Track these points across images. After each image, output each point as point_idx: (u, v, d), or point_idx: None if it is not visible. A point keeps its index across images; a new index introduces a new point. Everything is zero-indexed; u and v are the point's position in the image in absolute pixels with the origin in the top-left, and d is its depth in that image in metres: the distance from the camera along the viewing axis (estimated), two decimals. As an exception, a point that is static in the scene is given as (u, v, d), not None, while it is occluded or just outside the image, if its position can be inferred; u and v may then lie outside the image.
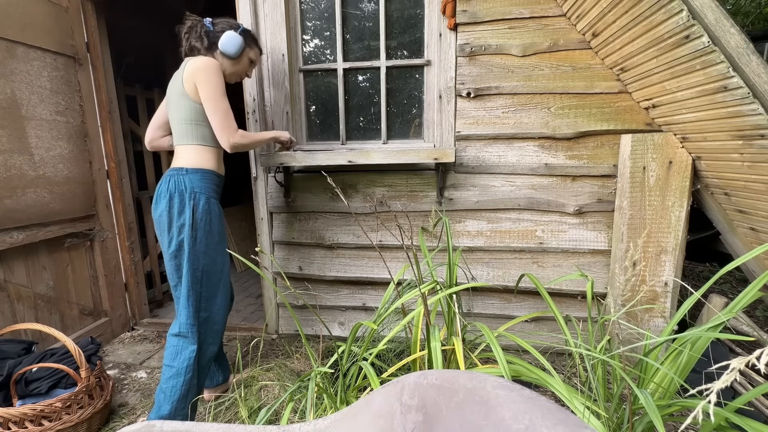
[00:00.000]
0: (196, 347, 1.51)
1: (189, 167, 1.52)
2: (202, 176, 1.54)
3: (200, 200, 1.51)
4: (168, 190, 1.48)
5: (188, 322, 1.51)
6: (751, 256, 1.15)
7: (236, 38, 1.59)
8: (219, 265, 1.59)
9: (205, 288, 1.55)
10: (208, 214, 1.53)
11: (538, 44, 1.78)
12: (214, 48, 1.60)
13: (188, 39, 1.59)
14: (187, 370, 1.48)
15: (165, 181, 1.51)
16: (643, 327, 1.81)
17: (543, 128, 1.85)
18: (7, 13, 1.75)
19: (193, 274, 1.51)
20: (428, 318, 1.25)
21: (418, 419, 0.65)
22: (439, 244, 2.02)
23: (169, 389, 1.46)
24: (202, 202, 1.52)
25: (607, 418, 1.17)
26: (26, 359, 1.58)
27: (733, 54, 1.28)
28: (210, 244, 1.54)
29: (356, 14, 2.01)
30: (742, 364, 0.48)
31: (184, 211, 1.48)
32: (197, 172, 1.53)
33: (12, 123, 1.79)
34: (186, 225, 1.48)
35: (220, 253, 1.59)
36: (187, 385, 1.48)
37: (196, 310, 1.52)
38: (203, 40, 1.59)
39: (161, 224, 1.50)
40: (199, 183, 1.52)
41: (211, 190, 1.56)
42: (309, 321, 2.28)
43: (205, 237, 1.52)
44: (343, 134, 2.11)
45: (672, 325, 1.28)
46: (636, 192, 1.73)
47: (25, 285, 1.89)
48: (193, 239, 1.50)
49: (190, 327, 1.51)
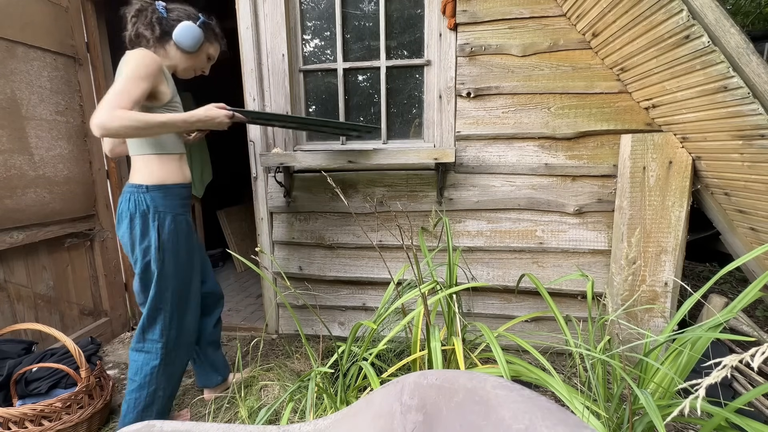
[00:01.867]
0: (159, 362, 1.44)
1: (149, 184, 1.37)
2: (166, 193, 1.39)
3: (165, 220, 1.39)
4: (128, 210, 1.36)
5: (152, 338, 1.44)
6: (751, 256, 1.15)
7: (195, 30, 1.42)
8: (189, 284, 1.51)
9: (176, 308, 1.47)
10: (175, 234, 1.41)
11: (538, 44, 1.78)
12: (167, 38, 1.42)
13: (135, 24, 1.38)
14: (150, 383, 1.44)
15: (124, 200, 1.37)
16: (644, 327, 1.81)
17: (543, 128, 1.85)
18: (7, 13, 1.75)
19: (162, 295, 1.42)
20: (428, 318, 1.25)
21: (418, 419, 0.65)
22: (439, 244, 2.02)
23: (133, 401, 1.43)
24: (168, 222, 1.39)
25: (607, 418, 1.17)
26: (26, 359, 1.58)
27: (733, 54, 1.28)
28: (179, 264, 1.44)
29: (356, 14, 2.01)
30: (735, 361, 0.49)
31: (148, 232, 1.37)
32: (159, 189, 1.38)
33: (12, 123, 1.79)
34: (152, 247, 1.37)
35: (189, 269, 1.50)
36: (151, 397, 1.44)
37: (163, 328, 1.45)
38: (154, 28, 1.39)
39: (125, 245, 1.40)
40: (162, 201, 1.38)
41: (177, 207, 1.43)
42: (309, 321, 2.28)
43: (173, 258, 1.42)
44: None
45: (672, 325, 1.28)
46: (636, 192, 1.73)
47: (25, 285, 1.89)
48: (161, 262, 1.39)
49: (154, 344, 1.44)
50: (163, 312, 1.44)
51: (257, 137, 2.09)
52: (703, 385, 0.49)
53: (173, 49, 1.44)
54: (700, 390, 0.49)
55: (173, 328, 1.48)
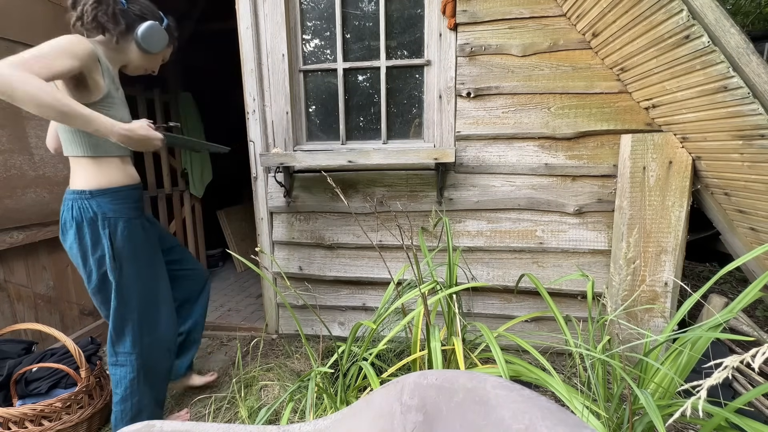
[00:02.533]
0: (135, 375, 1.40)
1: (92, 189, 1.26)
2: (113, 197, 1.30)
3: (117, 226, 1.30)
4: (73, 219, 1.26)
5: (124, 351, 1.39)
6: (751, 256, 1.15)
7: (161, 33, 1.35)
8: (156, 288, 1.44)
9: (144, 315, 1.41)
10: (130, 240, 1.33)
11: (538, 44, 1.78)
12: (128, 35, 1.31)
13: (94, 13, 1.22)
14: (132, 394, 1.41)
15: (66, 207, 1.28)
16: (644, 327, 1.81)
17: (543, 128, 1.85)
18: (7, 13, 1.75)
19: (127, 306, 1.36)
20: (428, 318, 1.25)
21: (418, 419, 0.65)
22: (439, 244, 2.02)
23: (120, 413, 1.42)
24: (120, 228, 1.30)
25: (607, 418, 1.17)
26: (26, 359, 1.58)
27: (733, 54, 1.28)
28: (140, 269, 1.37)
29: (356, 14, 2.01)
30: (737, 362, 0.49)
31: (100, 241, 1.28)
32: (105, 194, 1.28)
33: (12, 123, 1.79)
34: (106, 256, 1.29)
35: (152, 273, 1.43)
36: (137, 407, 1.43)
37: (134, 339, 1.39)
38: (118, 21, 1.26)
39: (74, 257, 1.32)
40: (110, 206, 1.29)
41: (129, 210, 1.34)
42: (309, 321, 2.28)
43: (132, 264, 1.34)
44: (343, 134, 2.11)
45: (672, 325, 1.28)
46: (636, 192, 1.73)
47: (25, 285, 1.89)
48: (118, 270, 1.31)
49: (127, 356, 1.40)
50: (130, 322, 1.38)
51: (257, 137, 2.09)
52: (705, 386, 0.49)
53: (132, 45, 1.34)
54: (702, 391, 0.48)
55: (145, 336, 1.42)
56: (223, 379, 1.97)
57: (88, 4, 1.22)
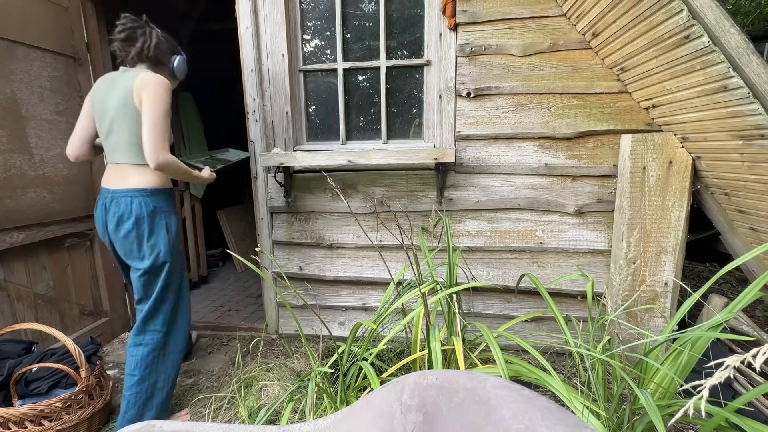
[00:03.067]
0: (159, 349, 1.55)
1: (151, 187, 1.51)
2: (166, 196, 1.56)
3: (171, 220, 1.56)
4: (134, 212, 1.47)
5: (155, 329, 1.55)
6: (751, 256, 1.15)
7: (186, 66, 1.64)
8: (185, 277, 1.68)
9: (180, 300, 1.63)
10: (176, 233, 1.58)
11: (538, 44, 1.78)
12: (166, 65, 1.59)
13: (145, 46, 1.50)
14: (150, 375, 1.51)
15: (125, 203, 1.47)
16: (644, 327, 1.81)
17: (543, 128, 1.85)
18: (7, 13, 1.75)
19: (169, 288, 1.56)
20: (428, 318, 1.25)
21: (418, 419, 0.65)
22: (439, 244, 2.02)
23: (133, 396, 1.48)
24: (173, 222, 1.56)
25: (607, 418, 1.17)
26: (26, 359, 1.58)
27: (733, 54, 1.28)
28: (180, 259, 1.63)
29: (356, 14, 2.01)
30: (737, 362, 0.48)
31: (157, 232, 1.51)
32: (162, 193, 1.54)
33: (12, 123, 1.79)
34: (161, 245, 1.51)
35: (184, 265, 1.68)
36: (151, 389, 1.52)
37: (165, 318, 1.57)
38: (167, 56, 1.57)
39: (124, 244, 1.50)
40: (165, 203, 1.54)
41: (173, 207, 1.61)
42: (309, 321, 2.28)
43: (178, 253, 1.59)
44: (343, 134, 2.11)
45: (672, 325, 1.28)
46: (636, 192, 1.73)
47: (25, 285, 1.89)
48: (173, 257, 1.55)
49: (155, 333, 1.55)
50: (167, 303, 1.57)
51: (257, 137, 2.09)
52: (707, 386, 0.49)
53: (168, 77, 1.61)
54: (704, 391, 0.48)
55: (174, 318, 1.61)
56: (224, 379, 1.97)
57: (152, 43, 1.50)
